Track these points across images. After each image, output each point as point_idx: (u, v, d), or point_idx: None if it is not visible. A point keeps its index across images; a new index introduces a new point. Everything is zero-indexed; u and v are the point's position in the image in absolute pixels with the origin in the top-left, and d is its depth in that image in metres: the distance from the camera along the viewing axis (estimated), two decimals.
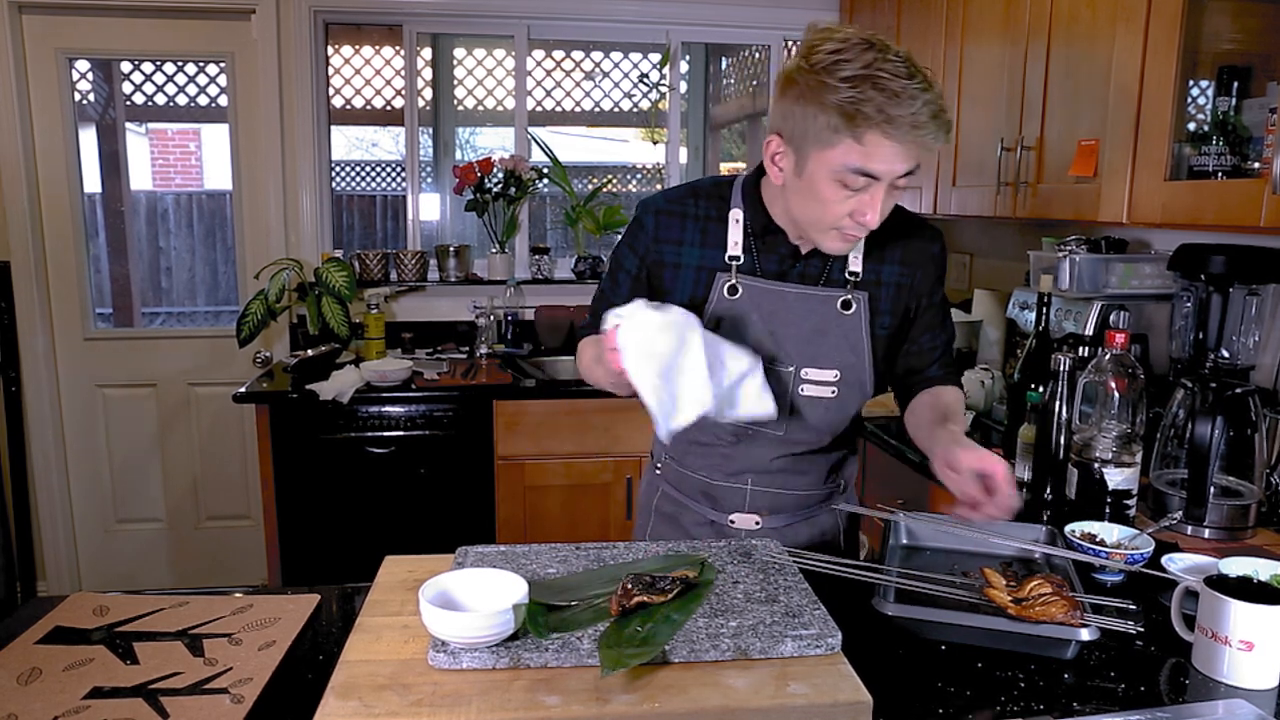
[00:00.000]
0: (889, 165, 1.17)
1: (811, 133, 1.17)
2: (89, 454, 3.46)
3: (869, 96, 1.12)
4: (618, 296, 1.40)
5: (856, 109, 1.12)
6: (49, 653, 1.08)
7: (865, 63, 1.13)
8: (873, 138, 1.14)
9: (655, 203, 1.42)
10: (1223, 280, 1.69)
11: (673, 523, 1.55)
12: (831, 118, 1.14)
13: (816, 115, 1.16)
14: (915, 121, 1.13)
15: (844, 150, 1.16)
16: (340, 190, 6.06)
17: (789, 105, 1.20)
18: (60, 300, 3.36)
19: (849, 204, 1.21)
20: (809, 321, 1.38)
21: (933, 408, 1.42)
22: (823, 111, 1.15)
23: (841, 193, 1.20)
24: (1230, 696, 1.01)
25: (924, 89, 1.14)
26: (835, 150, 1.17)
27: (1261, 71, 1.75)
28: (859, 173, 1.17)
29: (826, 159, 1.18)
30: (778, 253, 1.38)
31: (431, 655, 0.94)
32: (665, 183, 3.80)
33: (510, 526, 3.00)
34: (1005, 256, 2.94)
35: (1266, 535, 1.56)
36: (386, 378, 2.92)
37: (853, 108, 1.12)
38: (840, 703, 0.89)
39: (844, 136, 1.15)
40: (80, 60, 3.34)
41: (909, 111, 1.12)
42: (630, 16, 3.53)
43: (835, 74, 1.14)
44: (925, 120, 1.13)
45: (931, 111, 1.14)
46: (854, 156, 1.16)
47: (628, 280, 1.44)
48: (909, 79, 1.13)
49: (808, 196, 1.24)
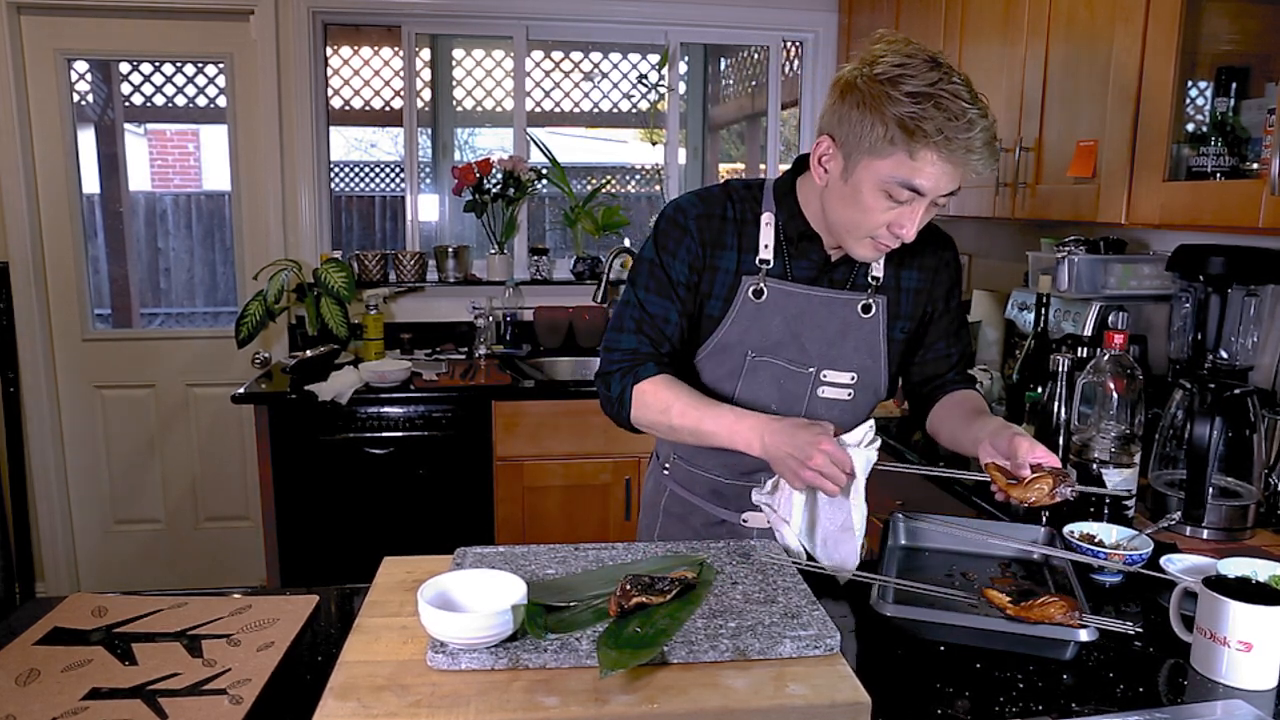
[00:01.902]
0: (936, 183, 1.19)
1: (866, 140, 1.19)
2: (88, 455, 3.46)
3: (930, 114, 1.14)
4: (674, 311, 1.37)
5: (917, 124, 1.14)
6: (48, 653, 1.08)
7: (930, 80, 1.15)
8: (926, 155, 1.16)
9: (692, 207, 1.38)
10: (1221, 281, 1.69)
11: (682, 522, 1.55)
12: (890, 129, 1.16)
13: (875, 125, 1.18)
14: (970, 145, 1.16)
15: (895, 162, 1.18)
16: (339, 191, 6.06)
17: (846, 110, 1.21)
18: (59, 301, 3.35)
19: (889, 215, 1.23)
20: (832, 325, 1.39)
21: (962, 405, 1.44)
22: (881, 122, 1.17)
23: (884, 203, 1.22)
24: (1229, 697, 1.01)
25: (982, 115, 1.16)
26: (886, 161, 1.19)
27: (1260, 72, 1.75)
28: (906, 186, 1.19)
29: (876, 168, 1.20)
30: (810, 258, 1.39)
31: (430, 656, 0.94)
32: (664, 183, 3.80)
33: (509, 527, 3.00)
34: (1004, 257, 2.94)
35: (1265, 536, 1.56)
36: (385, 378, 2.92)
37: (913, 123, 1.15)
38: (839, 703, 0.89)
39: (898, 149, 1.17)
40: (79, 61, 3.33)
41: (966, 135, 1.15)
42: (629, 17, 3.53)
43: (899, 87, 1.15)
44: (979, 145, 1.16)
45: (986, 138, 1.17)
46: (904, 170, 1.18)
47: (682, 292, 1.37)
48: (970, 103, 1.16)
49: (849, 201, 1.25)
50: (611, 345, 1.40)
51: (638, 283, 1.40)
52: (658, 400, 1.34)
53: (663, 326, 1.38)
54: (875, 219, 1.24)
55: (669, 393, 1.34)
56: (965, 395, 1.48)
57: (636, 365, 1.36)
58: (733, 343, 1.38)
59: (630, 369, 1.36)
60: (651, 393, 1.35)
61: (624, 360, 1.38)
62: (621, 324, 1.40)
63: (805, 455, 1.20)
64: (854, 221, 1.26)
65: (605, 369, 1.40)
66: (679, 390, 1.34)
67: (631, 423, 1.38)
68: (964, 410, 1.42)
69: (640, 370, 1.36)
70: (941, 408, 1.49)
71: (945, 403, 1.48)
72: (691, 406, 1.32)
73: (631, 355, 1.37)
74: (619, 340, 1.39)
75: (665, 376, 1.36)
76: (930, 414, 1.51)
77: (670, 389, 1.34)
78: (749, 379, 1.39)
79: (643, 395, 1.35)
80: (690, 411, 1.32)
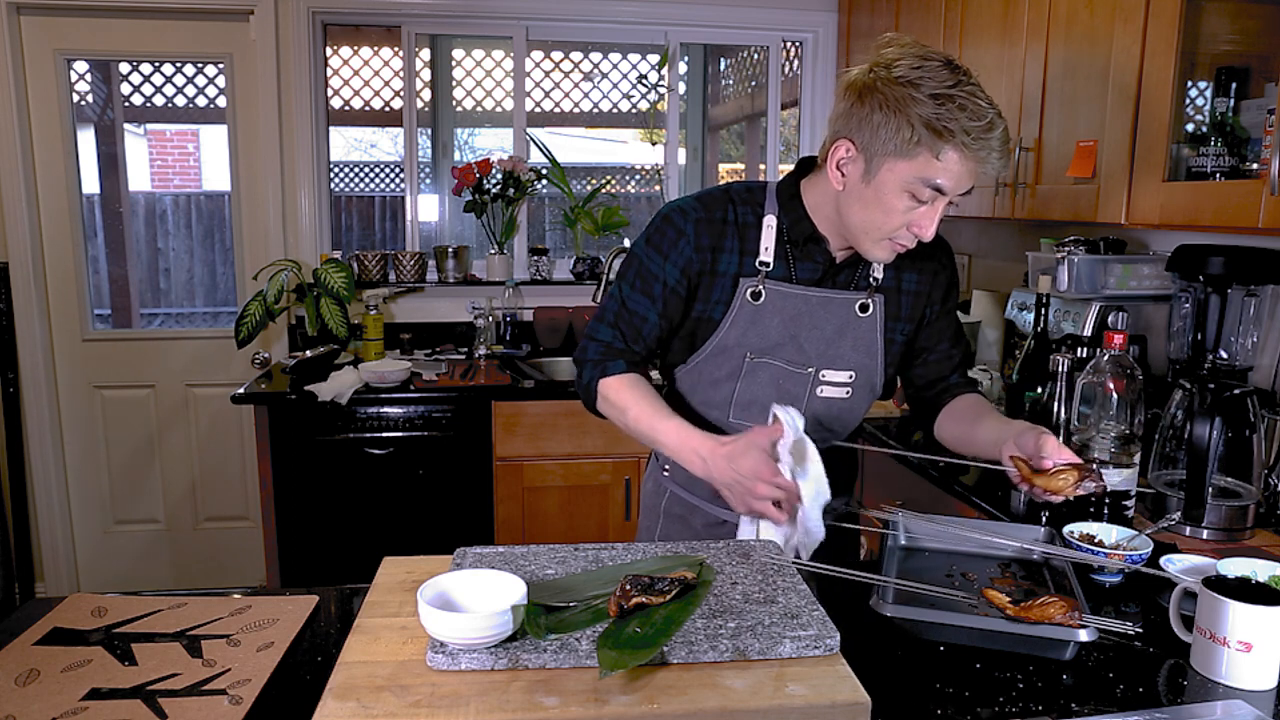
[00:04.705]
0: (958, 182, 1.22)
1: (892, 143, 1.21)
2: (87, 455, 3.46)
3: (955, 115, 1.17)
4: (654, 313, 1.39)
5: (944, 125, 1.17)
6: (47, 654, 1.07)
7: (950, 83, 1.18)
8: (951, 154, 1.19)
9: (693, 210, 1.38)
10: (1221, 281, 1.69)
11: (683, 524, 1.55)
12: (917, 130, 1.18)
13: (900, 127, 1.19)
14: (991, 145, 1.19)
15: (921, 163, 1.20)
16: (339, 191, 6.06)
17: (867, 113, 1.22)
18: (58, 301, 3.35)
19: (910, 215, 1.25)
20: (830, 325, 1.40)
21: (975, 409, 1.46)
22: (907, 123, 1.19)
23: (907, 203, 1.24)
24: (1229, 697, 1.01)
25: (999, 116, 1.20)
26: (912, 162, 1.21)
27: (1259, 73, 1.75)
28: (930, 186, 1.21)
29: (900, 169, 1.22)
30: (814, 260, 1.39)
31: (430, 656, 0.94)
32: (664, 184, 3.80)
33: (509, 527, 3.00)
34: (1004, 257, 2.94)
35: (1265, 536, 1.56)
36: (385, 379, 2.92)
37: (940, 124, 1.17)
38: (838, 703, 0.89)
39: (924, 149, 1.19)
40: (79, 61, 3.33)
41: (988, 135, 1.18)
42: (629, 17, 3.53)
43: (921, 89, 1.18)
44: (999, 145, 1.20)
45: (1004, 138, 1.21)
46: (930, 170, 1.20)
47: (666, 294, 1.38)
48: (988, 105, 1.19)
49: (871, 203, 1.26)
50: (591, 334, 1.44)
51: (625, 277, 1.42)
52: (619, 399, 1.38)
53: (639, 325, 1.40)
54: (896, 219, 1.26)
55: (630, 394, 1.37)
56: (976, 400, 1.50)
57: (607, 360, 1.40)
58: (732, 344, 1.39)
59: (600, 362, 1.40)
60: (615, 390, 1.39)
61: (597, 352, 1.42)
62: (603, 315, 1.43)
63: (748, 489, 1.23)
64: (874, 223, 1.28)
65: (581, 356, 1.44)
66: (639, 393, 1.37)
67: (597, 412, 1.43)
68: (977, 413, 1.44)
69: (609, 365, 1.40)
70: (951, 411, 1.50)
71: (955, 406, 1.50)
72: (645, 413, 1.35)
73: (605, 349, 1.41)
74: (598, 330, 1.43)
75: (631, 376, 1.39)
76: (939, 418, 1.52)
77: (632, 390, 1.37)
78: (748, 380, 1.39)
79: (606, 390, 1.39)
80: (644, 418, 1.35)
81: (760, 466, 1.22)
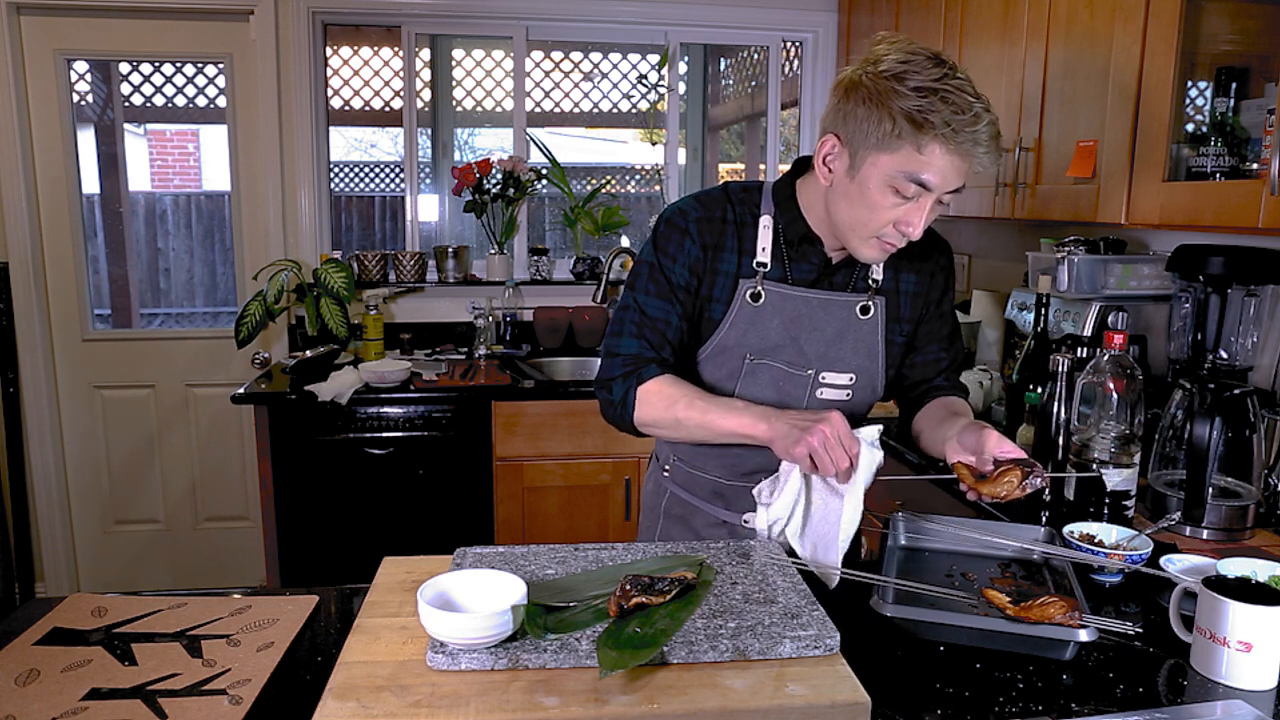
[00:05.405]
0: (943, 178, 1.20)
1: (873, 136, 1.19)
2: (87, 455, 3.46)
3: (937, 108, 1.15)
4: (675, 315, 1.37)
5: (925, 118, 1.15)
6: (47, 654, 1.08)
7: (935, 76, 1.16)
8: (934, 148, 1.17)
9: (692, 210, 1.38)
10: (1221, 281, 1.69)
11: (683, 524, 1.54)
12: (898, 123, 1.17)
13: (882, 120, 1.18)
14: (976, 138, 1.17)
15: (904, 157, 1.19)
16: (339, 191, 6.06)
17: (852, 107, 1.22)
18: (58, 301, 3.35)
19: (896, 212, 1.23)
20: (831, 326, 1.39)
21: (945, 408, 1.44)
22: (889, 116, 1.17)
23: (892, 199, 1.22)
24: (1229, 697, 1.01)
25: (986, 110, 1.18)
26: (895, 155, 1.19)
27: (1259, 73, 1.75)
28: (913, 180, 1.20)
29: (883, 163, 1.20)
30: (810, 261, 1.39)
31: (430, 656, 0.94)
32: (664, 184, 3.80)
33: (509, 527, 3.00)
34: (1004, 257, 2.94)
35: (1265, 536, 1.56)
36: (385, 379, 2.92)
37: (921, 116, 1.15)
38: (838, 703, 0.89)
39: (905, 143, 1.18)
40: (79, 61, 3.33)
41: (972, 128, 1.16)
42: (629, 17, 3.53)
43: (905, 82, 1.17)
44: (985, 140, 1.17)
45: (991, 132, 1.18)
46: (912, 164, 1.19)
47: (682, 295, 1.37)
48: (975, 98, 1.17)
49: (856, 200, 1.25)
50: (612, 350, 1.39)
51: (637, 286, 1.39)
52: (663, 397, 1.34)
53: (664, 330, 1.37)
54: (882, 216, 1.24)
55: (675, 389, 1.34)
56: (948, 401, 1.47)
57: (639, 368, 1.36)
58: (731, 345, 1.38)
59: (633, 372, 1.36)
60: (656, 391, 1.34)
61: (626, 365, 1.37)
62: (622, 328, 1.39)
63: (806, 427, 1.20)
64: (860, 220, 1.26)
65: (607, 374, 1.39)
66: (684, 387, 1.35)
67: (635, 424, 1.37)
68: (944, 414, 1.42)
69: (644, 372, 1.35)
70: (925, 412, 1.48)
71: (929, 407, 1.48)
72: (698, 398, 1.33)
73: (633, 360, 1.37)
74: (619, 345, 1.38)
75: (669, 376, 1.36)
76: (915, 418, 1.50)
77: (675, 385, 1.35)
78: (748, 381, 1.39)
79: (647, 394, 1.35)
80: (697, 402, 1.32)
81: (841, 421, 1.21)
